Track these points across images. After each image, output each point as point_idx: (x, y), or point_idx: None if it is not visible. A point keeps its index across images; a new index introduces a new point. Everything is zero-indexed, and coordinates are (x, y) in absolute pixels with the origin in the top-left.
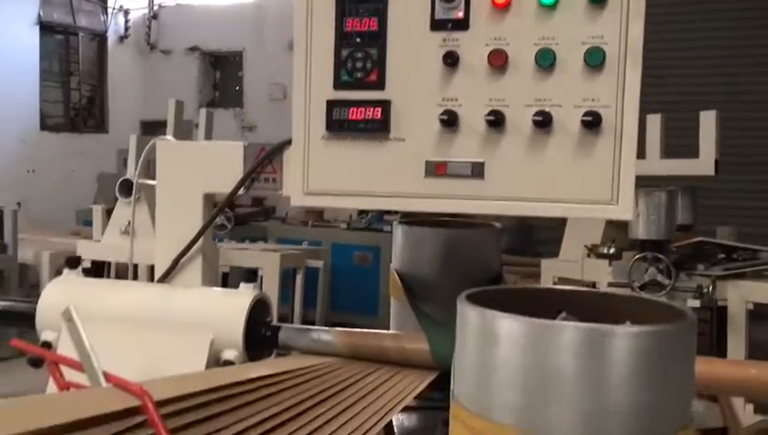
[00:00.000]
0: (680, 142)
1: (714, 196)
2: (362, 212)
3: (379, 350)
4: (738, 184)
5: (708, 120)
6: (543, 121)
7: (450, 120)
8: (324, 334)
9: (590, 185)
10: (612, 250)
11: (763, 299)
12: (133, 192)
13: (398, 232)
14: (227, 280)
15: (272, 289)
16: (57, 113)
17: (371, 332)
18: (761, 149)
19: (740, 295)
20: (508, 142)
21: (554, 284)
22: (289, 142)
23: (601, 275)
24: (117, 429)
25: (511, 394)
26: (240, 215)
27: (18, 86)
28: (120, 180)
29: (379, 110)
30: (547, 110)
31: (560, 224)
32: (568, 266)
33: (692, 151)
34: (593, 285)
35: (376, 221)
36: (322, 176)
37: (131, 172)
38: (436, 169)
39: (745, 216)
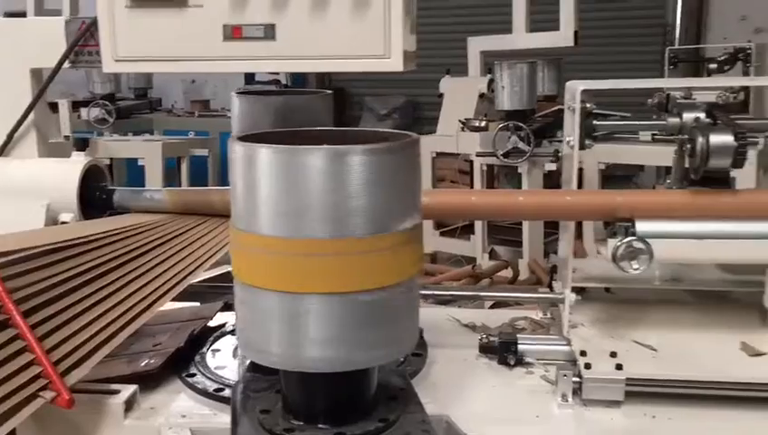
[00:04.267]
0: (545, 17)
1: (577, 68)
2: None
3: (206, 204)
4: (599, 56)
5: None
6: None
7: None
8: (156, 193)
9: (366, 42)
10: (483, 123)
11: (613, 160)
12: None
13: (236, 102)
14: (111, 172)
15: (155, 178)
16: None
17: (201, 188)
18: (620, 21)
19: (592, 157)
20: (294, 6)
21: (432, 159)
22: None
23: (474, 147)
24: None
25: (272, 210)
26: (122, 108)
27: None
28: None
29: None
30: None
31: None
32: (444, 141)
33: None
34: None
35: None
36: (129, 43)
37: None
38: (232, 33)
39: None
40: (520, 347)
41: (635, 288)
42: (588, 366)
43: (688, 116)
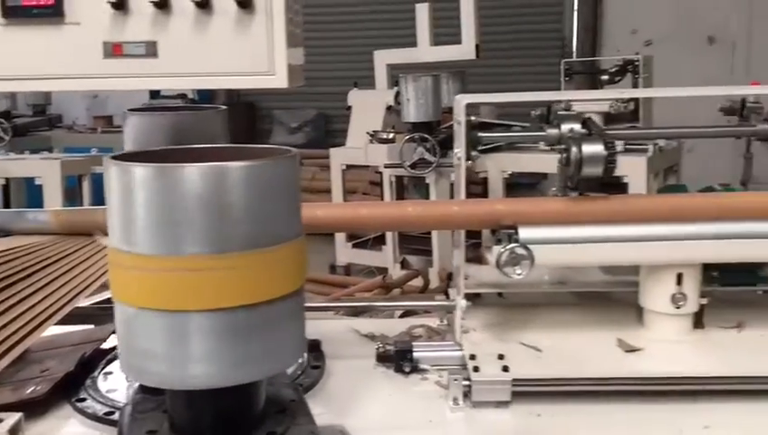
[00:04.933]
0: (452, 31)
1: (480, 80)
2: None
3: (93, 223)
4: (501, 69)
5: (467, 7)
6: (202, 3)
7: (118, 3)
8: (41, 215)
9: (251, 58)
10: (391, 135)
11: (516, 168)
12: None
13: (128, 120)
14: (8, 192)
15: (54, 198)
16: None
17: (87, 208)
18: (520, 35)
19: (496, 166)
20: (175, 23)
21: (343, 171)
22: None
23: (383, 159)
24: None
25: (147, 228)
26: (19, 125)
27: None
28: None
29: None
30: None
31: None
32: (354, 153)
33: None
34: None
35: None
36: (5, 62)
37: None
38: (113, 50)
39: None
40: (415, 354)
41: (525, 292)
42: (476, 369)
43: (566, 127)
